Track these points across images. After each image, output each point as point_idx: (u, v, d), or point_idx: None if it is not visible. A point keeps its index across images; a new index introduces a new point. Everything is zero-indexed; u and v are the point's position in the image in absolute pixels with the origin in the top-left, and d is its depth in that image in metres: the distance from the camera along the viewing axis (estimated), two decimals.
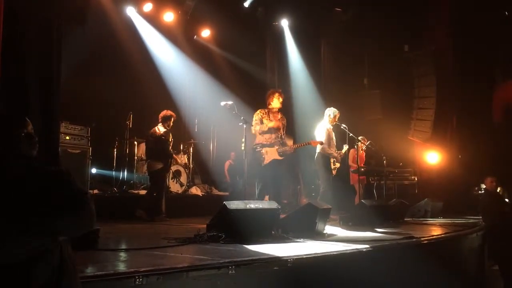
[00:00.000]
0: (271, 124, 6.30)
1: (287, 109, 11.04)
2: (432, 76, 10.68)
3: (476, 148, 9.82)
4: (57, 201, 1.63)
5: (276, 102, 6.45)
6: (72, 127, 7.03)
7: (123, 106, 7.41)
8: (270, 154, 6.22)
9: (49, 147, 4.89)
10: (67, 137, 6.88)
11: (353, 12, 10.71)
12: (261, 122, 6.31)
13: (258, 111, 6.43)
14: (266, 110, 6.43)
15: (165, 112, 6.83)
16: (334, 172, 7.01)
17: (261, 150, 6.25)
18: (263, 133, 6.29)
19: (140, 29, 9.44)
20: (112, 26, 8.64)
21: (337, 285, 3.28)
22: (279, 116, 6.50)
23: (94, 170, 7.64)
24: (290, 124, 10.91)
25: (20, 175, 1.65)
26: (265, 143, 6.28)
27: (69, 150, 6.86)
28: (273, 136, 6.30)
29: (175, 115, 6.94)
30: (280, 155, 6.23)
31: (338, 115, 7.11)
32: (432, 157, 10.48)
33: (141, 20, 9.41)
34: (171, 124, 6.85)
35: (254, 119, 6.36)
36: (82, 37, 7.28)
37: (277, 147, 6.28)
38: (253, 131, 6.33)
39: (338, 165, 7.05)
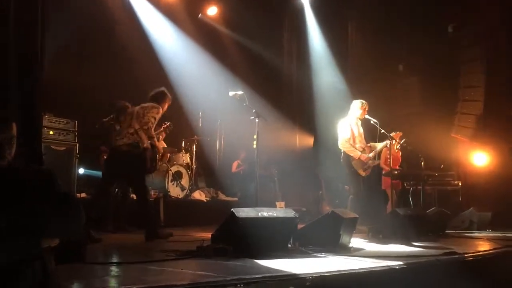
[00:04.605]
0: None
1: (307, 102, 11.13)
2: (481, 61, 10.55)
3: None
4: (47, 200, 1.69)
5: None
6: (56, 120, 7.10)
7: (116, 95, 7.45)
8: None
9: (30, 144, 4.94)
10: (51, 132, 6.95)
11: None
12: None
13: (157, 115, 5.82)
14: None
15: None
16: (366, 172, 6.98)
17: None
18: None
19: (136, 7, 9.50)
20: (104, 3, 8.71)
21: None
22: None
23: (81, 170, 7.72)
24: (311, 119, 10.98)
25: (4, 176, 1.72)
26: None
27: (53, 146, 6.94)
28: None
29: (123, 102, 6.79)
30: None
31: (367, 108, 7.09)
32: (480, 158, 10.36)
33: None
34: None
35: (153, 120, 5.78)
36: (69, 16, 7.35)
37: None
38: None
39: (371, 163, 7.02)
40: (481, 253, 4.80)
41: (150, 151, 5.49)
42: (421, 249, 4.96)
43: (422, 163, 8.05)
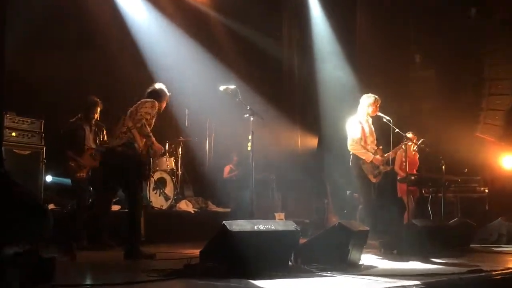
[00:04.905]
0: None
1: (310, 97, 11.13)
2: (510, 51, 10.60)
3: None
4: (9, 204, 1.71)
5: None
6: (20, 120, 7.07)
7: (88, 90, 7.44)
8: None
9: None
10: (13, 134, 6.92)
11: None
12: None
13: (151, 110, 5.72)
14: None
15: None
16: (377, 179, 6.98)
17: None
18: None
19: None
20: None
21: None
22: None
23: (49, 178, 7.69)
24: (315, 118, 10.98)
25: None
26: None
27: (16, 150, 6.90)
28: None
29: (92, 97, 6.97)
30: None
31: (379, 104, 7.08)
32: (510, 161, 10.40)
33: None
34: (94, 115, 6.98)
35: (147, 116, 5.67)
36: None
37: None
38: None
39: (382, 168, 7.02)
40: (511, 270, 4.80)
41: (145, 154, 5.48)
42: (442, 266, 4.98)
43: (443, 166, 8.07)
